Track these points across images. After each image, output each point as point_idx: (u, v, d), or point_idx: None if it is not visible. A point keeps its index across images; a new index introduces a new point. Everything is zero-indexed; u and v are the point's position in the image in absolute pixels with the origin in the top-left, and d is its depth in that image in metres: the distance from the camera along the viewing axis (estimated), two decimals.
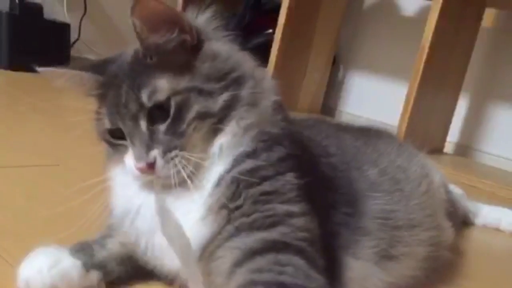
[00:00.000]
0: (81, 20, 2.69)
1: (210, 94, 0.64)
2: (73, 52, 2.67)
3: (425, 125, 2.14)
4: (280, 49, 2.45)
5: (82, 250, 0.66)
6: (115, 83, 0.65)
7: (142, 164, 0.63)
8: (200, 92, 0.64)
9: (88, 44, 2.79)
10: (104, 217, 0.69)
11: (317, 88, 2.85)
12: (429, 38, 1.98)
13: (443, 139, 2.35)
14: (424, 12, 2.51)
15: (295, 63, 2.64)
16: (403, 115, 2.04)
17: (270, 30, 2.60)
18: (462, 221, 1.22)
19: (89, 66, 0.69)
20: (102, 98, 0.67)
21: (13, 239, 0.75)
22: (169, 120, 0.63)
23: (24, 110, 1.69)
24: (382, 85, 2.78)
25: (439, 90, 2.17)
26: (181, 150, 0.63)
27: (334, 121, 1.78)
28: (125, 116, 0.64)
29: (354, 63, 2.96)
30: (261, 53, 2.56)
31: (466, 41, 2.21)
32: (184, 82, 0.63)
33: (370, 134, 0.97)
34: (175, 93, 0.63)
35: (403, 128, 2.03)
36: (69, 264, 0.63)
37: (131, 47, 0.68)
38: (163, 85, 0.63)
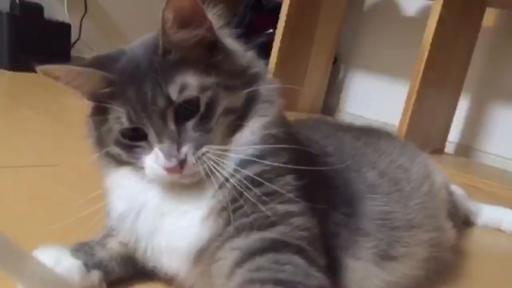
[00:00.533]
0: (81, 20, 2.69)
1: (233, 90, 0.64)
2: (74, 52, 2.67)
3: (426, 125, 2.14)
4: (280, 49, 2.46)
5: (83, 250, 0.66)
6: (133, 80, 0.62)
7: (174, 163, 0.60)
8: (226, 87, 0.64)
9: (89, 44, 2.78)
10: (105, 218, 0.69)
11: (317, 88, 2.85)
12: (430, 38, 1.97)
13: (444, 139, 2.35)
14: (425, 12, 2.51)
15: (295, 63, 2.63)
16: (404, 115, 2.04)
17: (271, 30, 2.60)
18: (463, 221, 1.22)
19: (90, 63, 0.65)
20: (113, 96, 0.62)
21: (13, 239, 0.75)
22: (198, 116, 0.62)
23: (25, 110, 1.69)
24: (383, 85, 2.78)
25: (440, 90, 2.17)
26: (209, 145, 0.62)
27: (334, 121, 1.77)
28: (152, 114, 0.61)
29: (355, 63, 2.96)
30: (262, 53, 2.55)
31: (467, 41, 2.21)
32: (211, 78, 0.63)
33: (371, 134, 0.97)
34: (204, 88, 0.62)
35: (404, 128, 2.03)
36: (70, 264, 0.63)
37: (131, 44, 0.67)
38: (192, 81, 0.61)
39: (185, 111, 0.62)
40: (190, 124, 0.62)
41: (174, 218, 0.64)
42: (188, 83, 0.61)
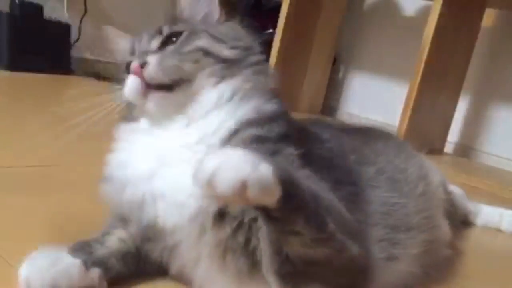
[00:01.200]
0: (81, 20, 2.69)
1: (220, 42, 0.70)
2: (74, 52, 2.67)
3: (425, 125, 2.14)
4: (280, 49, 2.46)
5: (81, 249, 0.66)
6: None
7: (135, 61, 0.66)
8: (213, 37, 0.70)
9: (89, 44, 2.79)
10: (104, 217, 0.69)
11: (317, 88, 2.85)
12: (430, 38, 1.98)
13: (444, 139, 2.35)
14: (424, 12, 2.51)
15: (295, 63, 2.64)
16: (403, 115, 2.04)
17: (271, 30, 2.60)
18: (461, 221, 1.22)
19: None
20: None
21: (13, 239, 0.75)
22: (177, 44, 0.70)
23: (24, 110, 1.69)
24: (383, 85, 2.78)
25: (440, 90, 2.17)
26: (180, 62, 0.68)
27: (332, 122, 1.77)
28: (143, 41, 0.72)
29: (355, 63, 2.96)
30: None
31: (466, 41, 2.21)
32: (201, 26, 0.72)
33: (368, 134, 0.97)
34: (191, 29, 0.71)
35: (403, 128, 2.03)
36: (69, 262, 0.63)
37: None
38: (182, 25, 0.73)
39: (170, 41, 0.70)
40: (169, 48, 0.70)
41: (171, 166, 0.64)
42: (179, 26, 0.72)
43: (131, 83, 0.67)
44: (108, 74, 3.05)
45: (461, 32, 2.14)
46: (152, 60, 0.66)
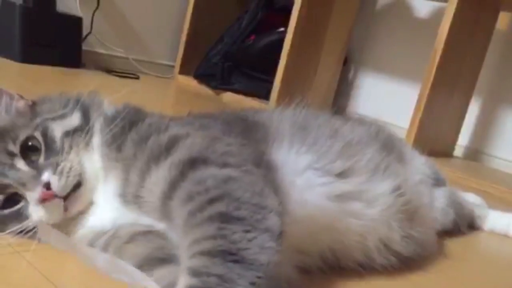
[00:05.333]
0: (93, 14, 2.69)
1: (62, 117, 0.73)
2: (85, 46, 2.68)
3: (435, 128, 2.12)
4: (291, 48, 2.45)
5: None
6: None
7: (39, 189, 0.66)
8: (53, 119, 0.73)
9: (100, 38, 2.79)
10: None
11: (327, 88, 2.83)
12: (443, 41, 1.96)
13: (454, 143, 2.33)
14: (437, 14, 2.49)
15: (306, 62, 2.62)
16: (414, 117, 2.03)
17: (282, 29, 2.59)
18: (468, 226, 1.21)
19: None
20: None
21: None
22: (43, 148, 0.69)
23: None
24: (393, 87, 2.76)
25: (451, 93, 2.15)
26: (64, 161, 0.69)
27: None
28: (4, 171, 0.67)
29: (365, 63, 2.94)
30: (273, 52, 2.56)
31: (479, 44, 2.19)
32: (35, 121, 0.72)
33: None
34: (34, 129, 0.70)
35: (414, 131, 2.01)
36: None
37: None
38: (20, 131, 0.70)
39: (30, 152, 0.69)
40: (41, 158, 0.69)
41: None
42: (18, 134, 0.70)
43: (51, 208, 0.67)
44: (117, 68, 3.05)
45: (475, 34, 2.12)
46: (53, 178, 0.67)
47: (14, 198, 0.69)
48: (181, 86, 2.91)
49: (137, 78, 2.75)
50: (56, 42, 2.47)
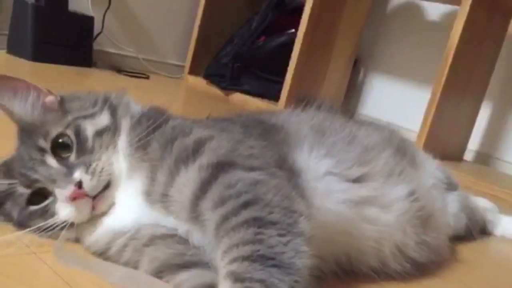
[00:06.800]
0: (104, 13, 2.71)
1: (93, 116, 0.74)
2: (96, 45, 2.69)
3: (446, 131, 2.12)
4: (301, 50, 2.45)
5: None
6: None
7: (71, 189, 0.66)
8: (85, 117, 0.73)
9: (111, 37, 2.81)
10: None
11: (337, 90, 2.83)
12: (455, 44, 1.95)
13: (464, 147, 2.32)
14: (449, 18, 2.48)
15: (316, 64, 2.62)
16: (424, 120, 2.02)
17: (293, 30, 2.59)
18: (480, 231, 1.20)
19: None
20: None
21: None
22: (74, 147, 0.70)
23: None
24: (403, 90, 2.75)
25: (462, 97, 2.14)
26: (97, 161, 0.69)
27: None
28: (34, 166, 0.68)
29: (375, 66, 2.94)
30: (283, 53, 2.56)
31: (491, 48, 2.18)
32: (67, 118, 0.72)
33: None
34: (66, 126, 0.71)
35: (424, 134, 2.00)
36: None
37: None
38: (51, 127, 0.71)
39: (61, 149, 0.69)
40: (72, 156, 0.69)
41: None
42: (49, 129, 0.70)
43: (80, 207, 0.68)
44: (128, 68, 3.07)
45: (487, 38, 2.11)
46: (85, 177, 0.67)
47: (41, 194, 0.69)
48: (191, 86, 2.91)
49: (147, 78, 2.76)
50: (68, 41, 2.48)
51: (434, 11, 2.68)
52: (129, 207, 0.69)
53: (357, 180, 0.77)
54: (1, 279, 0.61)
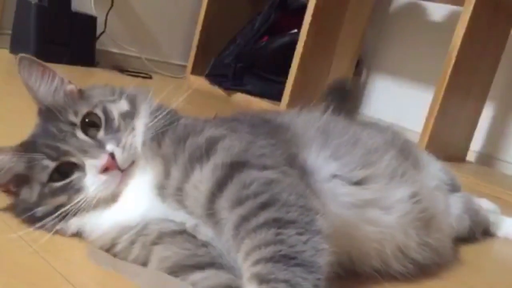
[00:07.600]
0: (107, 13, 2.71)
1: (114, 101, 0.77)
2: (99, 45, 2.70)
3: (449, 132, 2.11)
4: (304, 50, 2.44)
5: None
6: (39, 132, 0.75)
7: (105, 158, 0.68)
8: (108, 101, 0.77)
9: (114, 37, 2.81)
10: None
11: None
12: (458, 45, 1.95)
13: (466, 148, 2.31)
14: (452, 18, 2.47)
15: (318, 65, 2.62)
16: (427, 121, 2.02)
17: (295, 30, 2.59)
18: (483, 232, 1.20)
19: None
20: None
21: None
22: (103, 124, 0.73)
23: None
24: (405, 91, 2.75)
25: (465, 98, 2.14)
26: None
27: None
28: (66, 138, 0.71)
29: (378, 67, 2.94)
30: (285, 53, 2.55)
31: (494, 49, 2.17)
32: (93, 100, 0.76)
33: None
34: (94, 106, 0.74)
35: (427, 135, 2.00)
36: None
37: None
38: (79, 107, 0.75)
39: (89, 126, 0.73)
40: (101, 133, 0.73)
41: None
42: (79, 108, 0.74)
43: (109, 180, 0.69)
44: (130, 67, 3.07)
45: (490, 39, 2.10)
46: (117, 150, 0.70)
47: (63, 171, 0.70)
48: (193, 86, 2.91)
49: (150, 77, 2.76)
50: (71, 41, 2.49)
51: (437, 12, 2.68)
52: (138, 200, 0.70)
53: (360, 183, 0.78)
54: (5, 278, 0.62)
